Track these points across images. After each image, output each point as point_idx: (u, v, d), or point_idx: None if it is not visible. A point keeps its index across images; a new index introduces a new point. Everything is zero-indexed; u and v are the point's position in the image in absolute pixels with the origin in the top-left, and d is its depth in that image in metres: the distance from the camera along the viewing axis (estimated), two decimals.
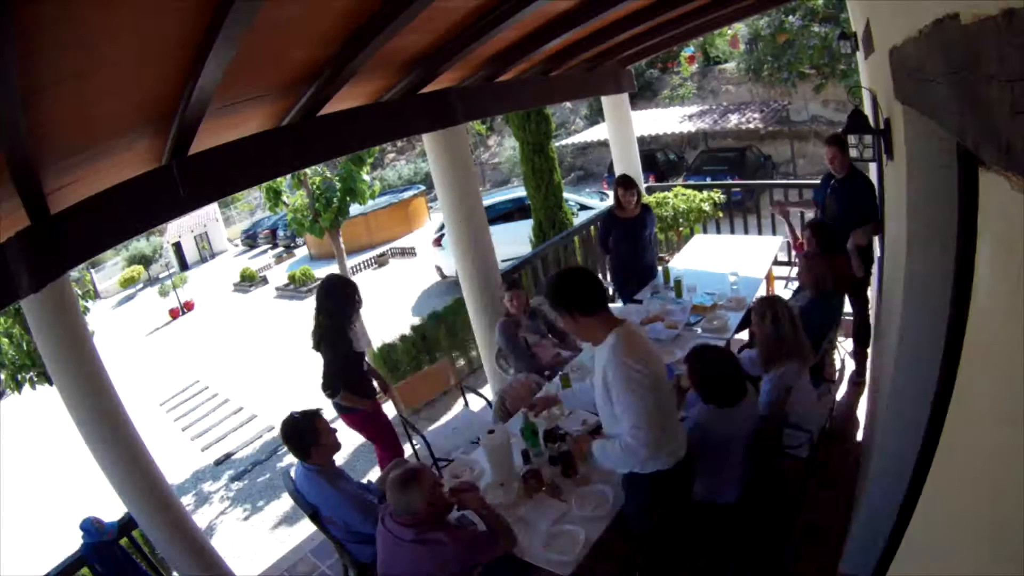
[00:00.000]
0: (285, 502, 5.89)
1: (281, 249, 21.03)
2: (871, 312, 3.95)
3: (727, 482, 2.44)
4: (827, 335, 3.27)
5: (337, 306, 3.17)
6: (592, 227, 5.99)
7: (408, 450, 3.64)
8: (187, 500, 6.73)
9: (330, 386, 3.20)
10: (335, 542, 2.60)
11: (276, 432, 7.74)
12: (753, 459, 2.45)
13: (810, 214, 4.75)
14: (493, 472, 2.58)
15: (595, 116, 17.90)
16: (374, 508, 2.49)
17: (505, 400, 3.33)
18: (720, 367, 2.39)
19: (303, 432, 2.50)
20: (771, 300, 2.85)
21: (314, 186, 7.53)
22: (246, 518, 6.00)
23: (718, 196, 6.20)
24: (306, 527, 4.32)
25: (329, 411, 2.88)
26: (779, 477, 2.78)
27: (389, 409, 3.70)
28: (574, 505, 2.32)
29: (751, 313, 2.95)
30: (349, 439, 6.87)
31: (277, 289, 15.63)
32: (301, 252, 19.81)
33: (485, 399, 3.90)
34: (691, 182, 7.37)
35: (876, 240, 3.80)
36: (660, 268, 4.52)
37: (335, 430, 2.61)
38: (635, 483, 2.14)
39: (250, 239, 24.32)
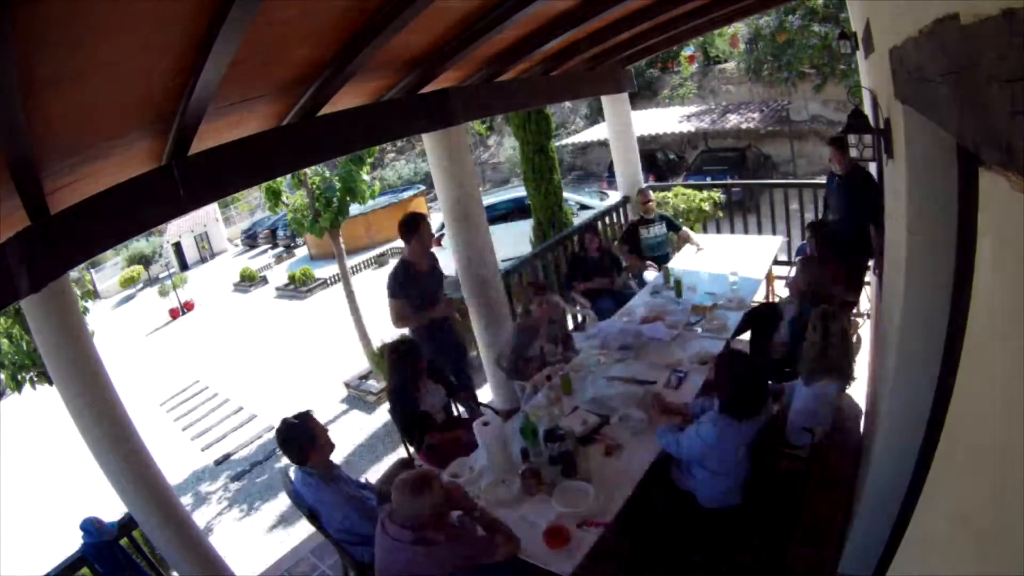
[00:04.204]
0: (285, 502, 5.89)
1: (281, 249, 21.03)
2: (870, 311, 3.95)
3: (733, 487, 2.44)
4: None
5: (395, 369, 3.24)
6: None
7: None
8: (187, 500, 6.73)
9: (411, 440, 3.30)
10: (335, 543, 2.60)
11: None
12: (753, 460, 2.45)
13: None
14: (491, 464, 2.59)
15: (595, 116, 17.88)
16: (373, 510, 2.49)
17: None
18: (754, 379, 2.36)
19: (300, 436, 2.49)
20: (826, 312, 2.77)
21: (314, 186, 7.53)
22: (246, 518, 6.00)
23: (718, 196, 6.20)
24: (306, 527, 4.31)
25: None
26: (778, 476, 2.78)
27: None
28: (556, 501, 2.32)
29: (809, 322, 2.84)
30: (349, 438, 6.88)
31: (277, 289, 15.63)
32: (301, 252, 19.81)
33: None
34: (691, 182, 7.38)
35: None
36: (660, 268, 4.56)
37: (327, 429, 2.61)
38: None
39: (250, 239, 24.32)
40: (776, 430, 2.66)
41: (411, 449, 3.51)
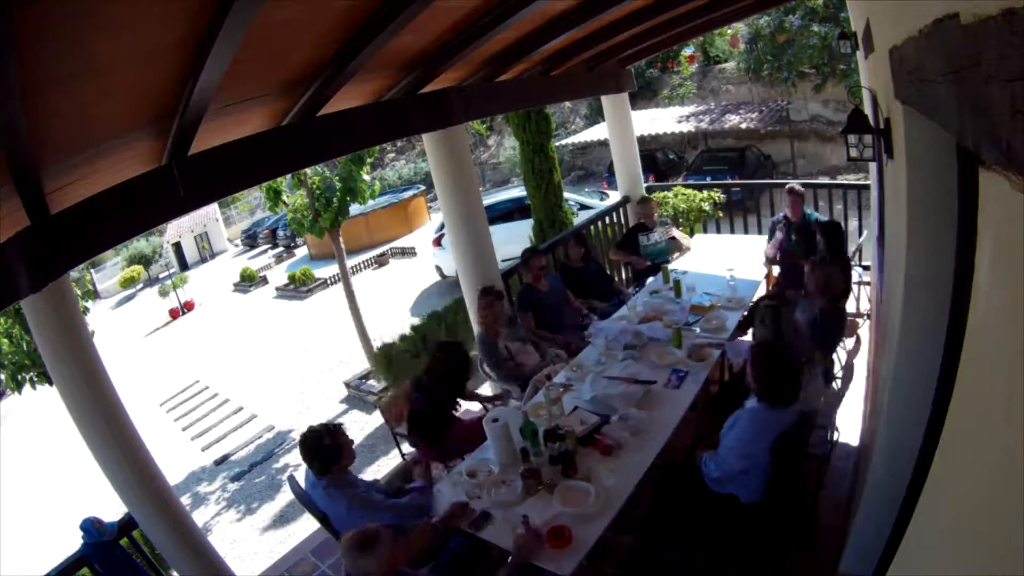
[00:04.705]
0: (285, 502, 5.90)
1: (281, 249, 21.04)
2: (870, 311, 3.95)
3: (755, 481, 2.44)
4: (838, 341, 3.31)
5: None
6: (591, 227, 5.98)
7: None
8: (187, 500, 6.74)
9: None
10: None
11: (276, 432, 7.74)
12: (779, 459, 2.43)
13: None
14: (497, 455, 2.65)
15: (595, 116, 17.89)
16: (389, 507, 2.51)
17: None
18: (787, 366, 2.41)
19: (327, 451, 2.49)
20: (775, 308, 2.84)
21: (314, 186, 7.53)
22: (246, 518, 6.00)
23: (718, 196, 6.20)
24: (306, 527, 4.32)
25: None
26: (802, 478, 2.75)
27: None
28: (556, 501, 2.32)
29: (753, 315, 2.95)
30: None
31: (277, 289, 15.63)
32: (301, 252, 19.82)
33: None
34: (691, 182, 7.39)
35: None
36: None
37: (353, 442, 2.62)
38: None
39: (250, 239, 24.33)
40: (807, 431, 2.64)
41: (402, 448, 3.51)
